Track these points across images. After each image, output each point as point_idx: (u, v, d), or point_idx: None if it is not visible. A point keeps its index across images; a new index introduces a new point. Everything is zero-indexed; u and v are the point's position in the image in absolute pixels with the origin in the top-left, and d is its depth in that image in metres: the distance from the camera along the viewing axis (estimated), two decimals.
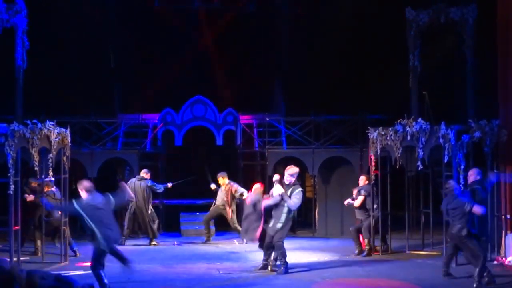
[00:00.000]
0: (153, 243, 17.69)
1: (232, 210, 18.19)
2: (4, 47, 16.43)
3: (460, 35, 16.57)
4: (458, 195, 12.91)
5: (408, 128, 15.31)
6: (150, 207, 17.87)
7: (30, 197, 15.66)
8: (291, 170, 13.91)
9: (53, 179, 15.59)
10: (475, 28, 16.22)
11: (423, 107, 17.18)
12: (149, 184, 17.65)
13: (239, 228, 17.89)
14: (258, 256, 15.71)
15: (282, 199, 13.70)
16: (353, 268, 14.56)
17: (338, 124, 20.36)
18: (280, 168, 20.87)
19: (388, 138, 15.58)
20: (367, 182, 16.29)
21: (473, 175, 13.97)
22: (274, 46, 24.09)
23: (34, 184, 16.10)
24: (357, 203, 16.29)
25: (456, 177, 14.93)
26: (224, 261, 15.12)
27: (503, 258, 14.84)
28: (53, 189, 15.92)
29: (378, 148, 15.83)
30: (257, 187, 14.30)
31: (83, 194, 11.91)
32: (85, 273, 13.91)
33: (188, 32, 24.09)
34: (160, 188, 17.92)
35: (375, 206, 16.15)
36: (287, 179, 13.85)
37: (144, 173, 17.86)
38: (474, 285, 12.36)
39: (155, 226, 17.85)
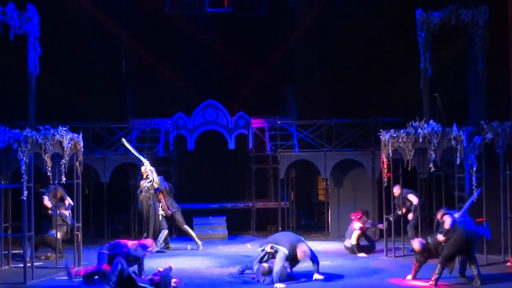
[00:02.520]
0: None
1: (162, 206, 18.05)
2: (17, 53, 16.52)
3: (471, 37, 16.54)
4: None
5: (420, 130, 15.29)
6: (158, 214, 17.78)
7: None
8: None
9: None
10: (486, 29, 16.17)
11: (435, 109, 17.15)
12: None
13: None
14: None
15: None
16: (366, 271, 14.55)
17: (350, 127, 20.34)
18: (292, 171, 20.96)
19: (400, 140, 15.56)
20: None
21: None
22: (286, 49, 24.09)
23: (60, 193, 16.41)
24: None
25: (469, 179, 14.90)
26: (237, 265, 15.11)
27: None
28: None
29: (390, 151, 15.81)
30: None
31: None
32: None
33: (199, 37, 24.12)
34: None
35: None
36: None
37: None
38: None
39: (160, 235, 17.78)
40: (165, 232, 17.70)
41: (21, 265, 14.00)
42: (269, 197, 22.12)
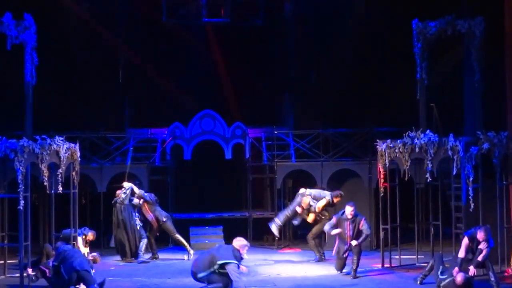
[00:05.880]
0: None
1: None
2: (13, 63, 16.52)
3: (467, 47, 16.58)
4: None
5: (416, 140, 15.30)
6: (136, 225, 17.69)
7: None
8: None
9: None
10: (482, 40, 16.21)
11: (431, 119, 17.17)
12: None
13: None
14: (268, 269, 15.77)
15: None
16: (362, 282, 14.56)
17: (347, 136, 20.38)
18: (289, 181, 20.97)
19: (396, 150, 15.58)
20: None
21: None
22: (282, 59, 24.13)
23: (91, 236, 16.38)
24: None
25: (465, 189, 14.91)
26: None
27: None
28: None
29: (386, 161, 15.83)
30: None
31: None
32: None
33: (196, 47, 24.14)
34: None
35: None
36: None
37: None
38: None
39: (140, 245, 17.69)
40: (144, 241, 17.58)
41: (18, 275, 13.98)
42: (265, 206, 22.09)
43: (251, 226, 20.41)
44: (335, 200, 17.10)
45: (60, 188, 14.66)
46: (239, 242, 13.01)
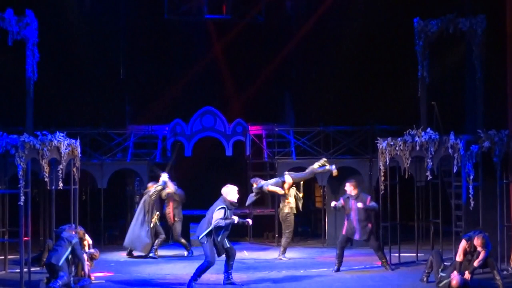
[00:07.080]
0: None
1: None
2: (15, 59, 16.52)
3: (469, 45, 16.57)
4: None
5: (417, 138, 15.30)
6: (151, 221, 17.72)
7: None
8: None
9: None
10: (484, 38, 16.19)
11: (432, 117, 17.17)
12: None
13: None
14: (268, 266, 15.77)
15: None
16: (362, 279, 14.55)
17: (347, 134, 20.37)
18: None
19: (397, 148, 15.57)
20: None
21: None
22: (284, 56, 24.13)
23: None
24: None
25: (466, 187, 14.91)
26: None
27: None
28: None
29: (387, 158, 15.82)
30: None
31: None
32: (96, 282, 14.00)
33: (197, 43, 24.16)
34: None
35: None
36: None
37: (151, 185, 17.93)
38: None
39: (157, 241, 17.74)
40: (162, 237, 17.72)
41: (18, 270, 14.00)
42: (266, 204, 22.09)
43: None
44: (268, 188, 17.46)
45: (61, 184, 14.65)
46: (226, 188, 14.03)
